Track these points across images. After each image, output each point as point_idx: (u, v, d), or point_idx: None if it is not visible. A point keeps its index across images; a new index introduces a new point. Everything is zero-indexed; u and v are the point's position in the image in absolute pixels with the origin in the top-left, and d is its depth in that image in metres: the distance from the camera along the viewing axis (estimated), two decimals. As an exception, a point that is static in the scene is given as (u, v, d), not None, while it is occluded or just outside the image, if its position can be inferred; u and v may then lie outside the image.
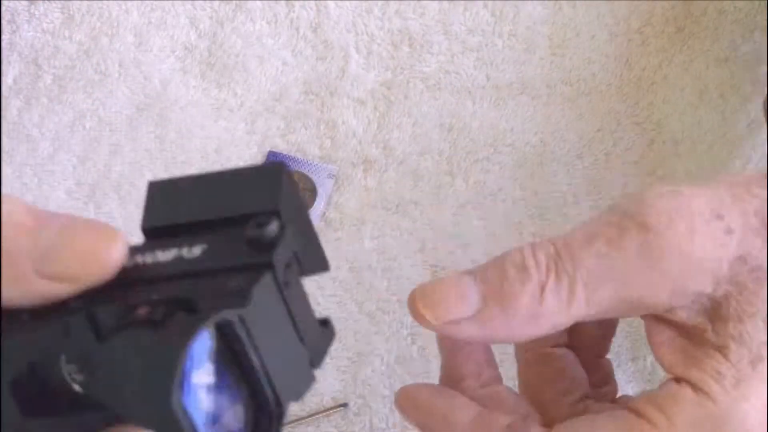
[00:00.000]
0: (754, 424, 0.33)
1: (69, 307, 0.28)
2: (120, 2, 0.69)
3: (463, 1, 0.69)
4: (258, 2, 0.68)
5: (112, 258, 0.28)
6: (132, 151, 0.66)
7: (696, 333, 0.35)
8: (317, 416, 0.60)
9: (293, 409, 0.60)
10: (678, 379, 0.35)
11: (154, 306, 0.27)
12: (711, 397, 0.33)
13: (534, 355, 0.41)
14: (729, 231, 0.34)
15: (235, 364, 0.28)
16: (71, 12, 0.69)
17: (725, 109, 0.67)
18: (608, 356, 0.43)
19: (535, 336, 0.35)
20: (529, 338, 0.36)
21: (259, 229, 0.28)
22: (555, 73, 0.67)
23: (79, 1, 0.69)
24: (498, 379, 0.40)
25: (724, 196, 0.35)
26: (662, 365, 0.36)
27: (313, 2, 0.69)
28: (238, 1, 0.68)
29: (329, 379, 0.61)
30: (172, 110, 0.66)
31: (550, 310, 0.34)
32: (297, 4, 0.69)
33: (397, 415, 0.60)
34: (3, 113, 0.66)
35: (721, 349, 0.34)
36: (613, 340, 0.43)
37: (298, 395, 0.30)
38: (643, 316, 0.36)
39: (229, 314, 0.27)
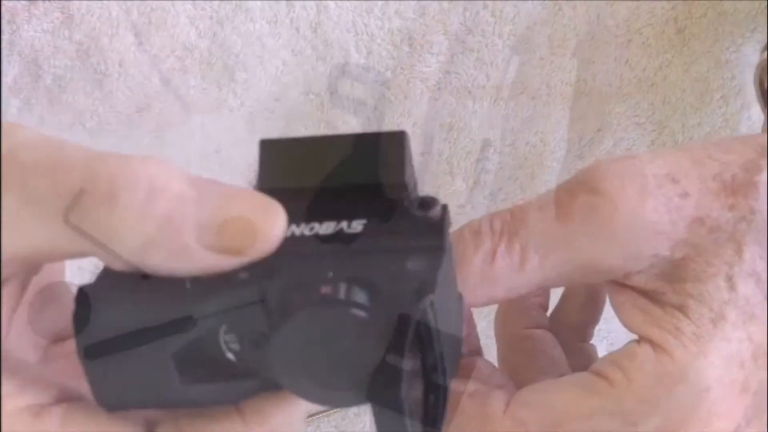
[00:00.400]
0: (713, 381, 0.33)
1: (234, 278, 0.27)
2: (120, 2, 0.69)
3: (463, 1, 0.69)
4: (258, 2, 0.68)
5: (275, 231, 0.27)
6: (132, 151, 0.66)
7: (656, 296, 0.35)
8: (317, 416, 0.60)
9: (292, 409, 0.60)
10: (639, 339, 0.35)
11: (333, 284, 0.27)
12: (669, 354, 0.33)
13: (513, 334, 0.41)
14: (685, 195, 0.34)
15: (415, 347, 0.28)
16: (71, 12, 0.69)
17: (726, 111, 0.67)
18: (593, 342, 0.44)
19: (491, 301, 0.36)
20: (484, 302, 0.36)
21: (425, 211, 0.29)
22: (555, 73, 0.67)
23: (79, 1, 0.69)
24: (477, 351, 0.40)
25: (683, 160, 0.35)
26: (625, 325, 0.36)
27: (313, 2, 0.69)
28: (238, 1, 0.68)
29: (328, 379, 0.61)
30: (172, 110, 0.66)
31: (502, 274, 0.35)
32: (297, 4, 0.69)
33: (396, 415, 0.60)
34: (3, 113, 0.66)
35: (681, 308, 0.34)
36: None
37: (452, 376, 0.31)
38: (605, 283, 0.37)
39: (429, 300, 0.27)
